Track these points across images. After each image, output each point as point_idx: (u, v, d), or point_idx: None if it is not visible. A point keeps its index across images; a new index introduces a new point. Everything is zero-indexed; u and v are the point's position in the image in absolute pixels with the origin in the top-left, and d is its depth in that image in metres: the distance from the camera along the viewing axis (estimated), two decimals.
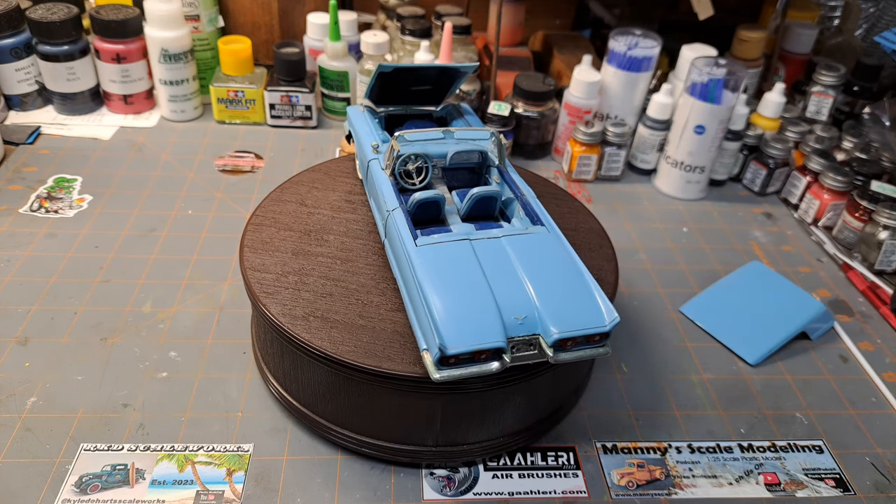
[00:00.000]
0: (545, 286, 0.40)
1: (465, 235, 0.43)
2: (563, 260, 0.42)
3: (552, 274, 0.41)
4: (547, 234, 0.44)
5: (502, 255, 0.42)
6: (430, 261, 0.41)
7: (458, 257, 0.41)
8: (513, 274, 0.41)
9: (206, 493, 0.44)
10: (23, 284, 0.59)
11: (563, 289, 0.40)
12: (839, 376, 0.58)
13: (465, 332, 0.37)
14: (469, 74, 0.54)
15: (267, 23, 0.93)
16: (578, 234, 0.54)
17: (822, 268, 0.70)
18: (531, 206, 0.46)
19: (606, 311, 0.40)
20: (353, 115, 0.57)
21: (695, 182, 0.78)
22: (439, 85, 0.56)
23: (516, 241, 0.43)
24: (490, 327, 0.38)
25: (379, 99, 0.57)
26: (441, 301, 0.39)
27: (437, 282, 0.40)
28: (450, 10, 0.92)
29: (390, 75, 0.53)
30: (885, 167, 0.77)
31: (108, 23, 0.77)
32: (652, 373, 0.56)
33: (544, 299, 0.40)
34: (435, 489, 0.46)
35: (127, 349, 0.54)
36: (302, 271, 0.47)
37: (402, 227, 0.43)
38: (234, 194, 0.72)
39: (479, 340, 0.37)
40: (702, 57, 0.75)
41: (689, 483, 0.48)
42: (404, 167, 0.48)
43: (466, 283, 0.40)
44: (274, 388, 0.49)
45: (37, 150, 0.76)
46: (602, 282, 0.49)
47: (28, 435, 0.47)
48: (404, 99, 0.57)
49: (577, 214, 0.56)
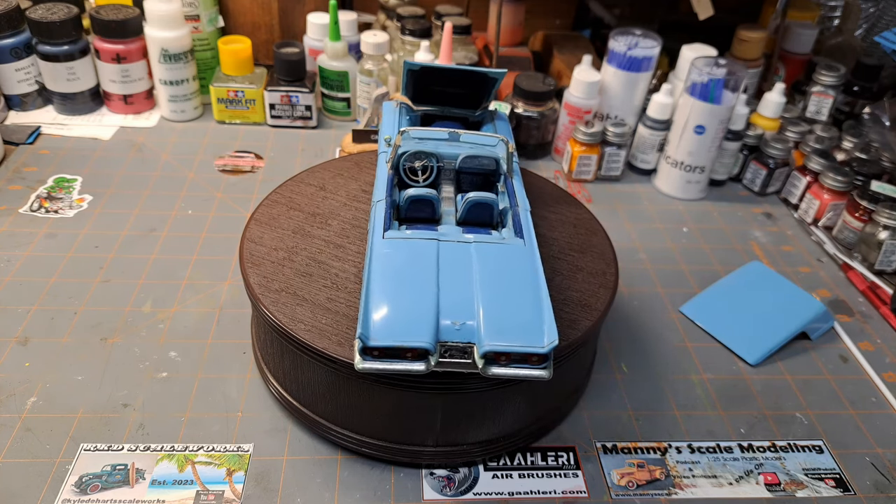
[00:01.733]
0: (494, 298, 0.39)
1: (437, 236, 0.42)
2: (525, 275, 0.41)
3: (507, 287, 0.40)
4: (521, 248, 0.42)
5: (464, 261, 0.41)
6: (388, 253, 0.41)
7: (417, 255, 0.41)
8: (467, 280, 0.40)
9: (206, 493, 0.44)
10: (23, 284, 0.59)
11: (511, 303, 0.39)
12: (839, 376, 0.58)
13: (392, 327, 0.37)
14: (499, 81, 0.52)
15: (267, 23, 0.93)
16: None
17: (822, 268, 0.70)
18: (518, 217, 0.45)
19: (548, 333, 0.37)
20: (386, 109, 0.57)
21: (695, 182, 0.78)
22: (475, 89, 0.55)
23: (486, 249, 0.42)
24: (419, 327, 0.37)
25: (416, 97, 0.56)
26: (379, 293, 0.38)
27: (384, 274, 0.40)
28: (450, 10, 0.92)
29: (421, 74, 0.53)
30: (885, 167, 0.77)
31: (108, 23, 0.77)
32: (652, 373, 0.56)
33: (488, 310, 0.38)
34: (435, 489, 0.46)
35: (127, 349, 0.54)
36: (293, 249, 0.49)
37: (379, 218, 0.44)
38: (234, 194, 0.72)
39: (404, 338, 0.37)
40: (702, 57, 0.75)
41: (689, 483, 0.48)
42: (411, 164, 0.49)
43: (414, 280, 0.39)
44: (274, 388, 0.49)
45: (37, 150, 0.76)
46: (602, 282, 0.49)
47: (28, 435, 0.47)
48: (443, 100, 0.56)
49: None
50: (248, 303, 0.57)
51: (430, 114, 0.57)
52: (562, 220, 0.55)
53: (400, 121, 0.55)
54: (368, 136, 0.77)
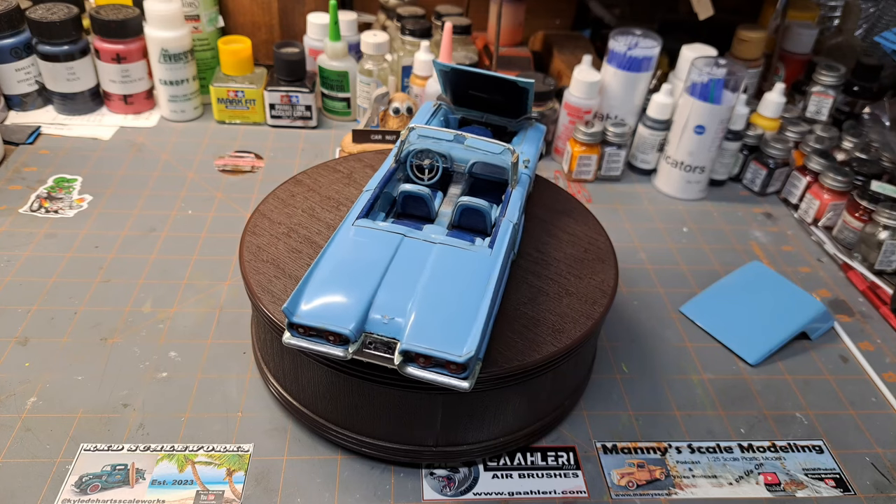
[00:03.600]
0: (431, 300, 0.38)
1: (406, 232, 0.43)
2: (474, 285, 0.40)
3: (450, 292, 0.39)
4: (484, 258, 0.41)
5: (420, 260, 0.41)
6: (348, 239, 0.42)
7: (375, 246, 0.42)
8: (413, 278, 0.40)
9: (206, 493, 0.44)
10: (23, 284, 0.59)
11: (446, 309, 0.38)
12: (839, 376, 0.58)
13: (317, 309, 0.38)
14: (531, 90, 0.52)
15: (267, 23, 0.93)
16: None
17: (822, 268, 0.70)
18: (499, 227, 0.44)
19: (469, 344, 0.36)
20: (423, 107, 0.58)
21: (695, 182, 0.78)
22: (512, 97, 0.54)
23: (447, 252, 0.42)
24: (344, 314, 0.38)
25: (457, 100, 0.57)
26: (321, 274, 0.40)
27: (334, 257, 0.41)
28: (450, 10, 0.92)
29: (452, 76, 0.53)
30: (885, 167, 0.77)
31: (108, 23, 0.77)
32: (652, 373, 0.56)
33: (420, 311, 0.38)
34: (435, 489, 0.46)
35: (127, 349, 0.54)
36: (296, 227, 0.51)
37: (358, 205, 0.45)
38: (233, 194, 0.72)
39: (325, 321, 0.37)
40: (702, 57, 0.75)
41: (689, 483, 0.48)
42: (419, 162, 0.49)
43: (359, 269, 0.40)
44: (274, 388, 0.49)
45: (37, 150, 0.76)
46: (601, 282, 0.49)
47: (28, 435, 0.47)
48: (483, 106, 0.56)
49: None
50: (248, 303, 0.57)
51: (469, 118, 0.57)
52: (573, 240, 0.53)
53: (431, 120, 0.55)
54: (368, 136, 0.77)
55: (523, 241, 0.52)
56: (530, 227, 0.53)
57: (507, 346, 0.43)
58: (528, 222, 0.54)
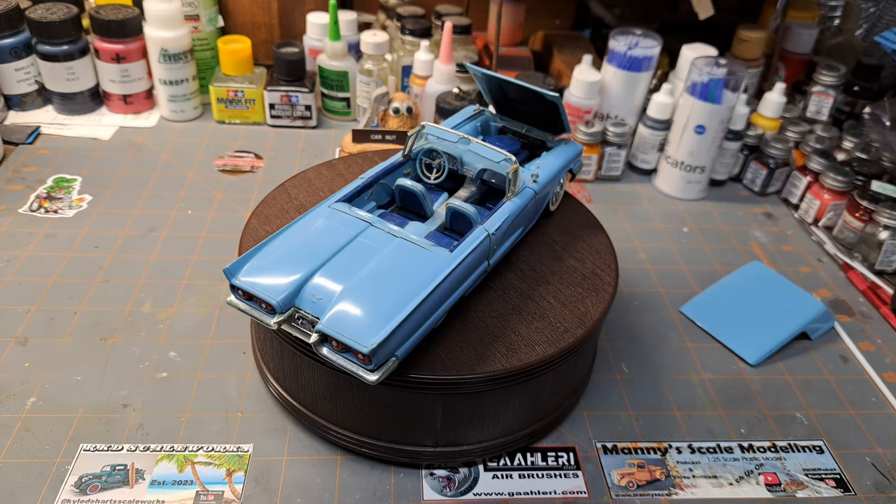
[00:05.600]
0: (365, 289, 0.39)
1: (372, 221, 0.44)
2: (415, 282, 0.40)
3: (385, 285, 0.39)
4: (437, 258, 0.41)
5: (374, 250, 0.42)
6: (315, 219, 0.44)
7: (338, 229, 0.43)
8: (359, 265, 0.41)
9: (206, 493, 0.44)
10: (23, 284, 0.59)
11: (373, 299, 0.39)
12: (839, 376, 0.58)
13: (256, 276, 0.40)
14: (560, 104, 0.51)
15: (267, 23, 0.93)
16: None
17: (823, 268, 0.70)
18: (469, 234, 0.44)
19: (378, 336, 0.36)
20: (465, 110, 0.58)
21: (695, 182, 0.78)
22: (547, 111, 0.54)
23: (403, 247, 0.42)
24: (278, 286, 0.39)
25: (498, 108, 0.57)
26: (272, 245, 0.42)
27: (295, 233, 0.43)
28: (450, 10, 0.92)
29: (487, 83, 0.54)
30: (885, 167, 0.77)
31: (108, 23, 0.77)
32: (652, 373, 0.56)
33: (349, 296, 0.39)
34: (435, 489, 0.46)
35: (127, 349, 0.54)
36: (298, 209, 0.53)
37: (343, 190, 0.47)
38: (233, 194, 0.72)
39: (258, 288, 0.39)
40: (702, 57, 0.75)
41: (689, 483, 0.48)
42: (428, 161, 0.50)
43: (311, 247, 0.42)
44: (274, 388, 0.49)
45: (36, 150, 0.76)
46: (601, 283, 0.49)
47: (28, 435, 0.47)
48: (526, 118, 0.56)
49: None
50: None
51: (509, 128, 0.57)
52: (575, 267, 0.50)
53: (465, 123, 0.56)
54: (368, 135, 0.77)
55: (520, 257, 0.50)
56: (534, 244, 0.52)
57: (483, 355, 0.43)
58: (533, 237, 0.53)
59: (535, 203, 0.50)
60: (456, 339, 0.43)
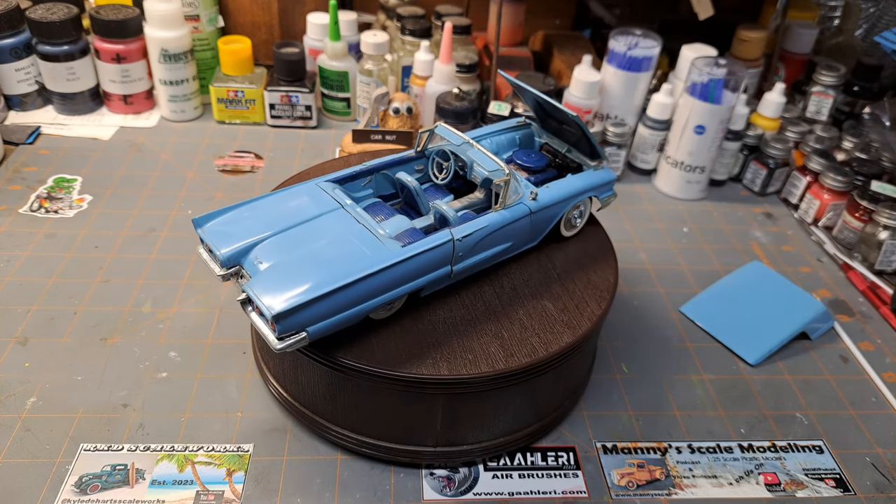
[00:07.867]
0: (301, 263, 0.41)
1: (343, 203, 0.46)
2: (349, 267, 0.40)
3: (321, 264, 0.41)
4: (385, 250, 0.42)
5: (332, 229, 0.43)
6: (295, 193, 0.46)
7: (309, 205, 0.45)
8: (309, 241, 0.42)
9: (206, 493, 0.44)
10: (23, 284, 0.59)
11: (303, 274, 0.40)
12: (839, 376, 0.58)
13: (214, 230, 0.43)
14: (583, 126, 0.50)
15: (267, 23, 0.93)
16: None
17: (822, 268, 0.70)
18: (431, 234, 0.44)
19: (284, 305, 0.38)
20: (510, 120, 0.58)
21: (695, 182, 0.78)
22: (575, 130, 0.53)
23: (360, 233, 0.43)
24: (227, 242, 0.42)
25: (545, 124, 0.57)
26: (244, 207, 0.45)
27: (269, 201, 0.46)
28: (450, 10, 0.92)
29: (521, 94, 0.54)
30: (885, 167, 0.77)
31: (108, 23, 0.77)
32: (652, 373, 0.56)
33: (282, 265, 0.41)
34: (435, 489, 0.46)
35: (127, 349, 0.54)
36: None
37: (339, 172, 0.49)
38: (233, 194, 0.72)
39: (212, 239, 0.43)
40: (702, 57, 0.75)
41: (689, 483, 0.48)
42: (439, 161, 0.52)
43: (275, 216, 0.44)
44: (274, 388, 0.49)
45: (37, 150, 0.76)
46: (601, 282, 0.49)
47: (28, 435, 0.47)
48: (567, 138, 0.55)
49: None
50: None
51: (551, 146, 0.56)
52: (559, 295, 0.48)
53: (505, 132, 0.56)
54: (368, 135, 0.77)
55: (507, 273, 0.49)
56: (529, 264, 0.50)
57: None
58: (533, 258, 0.51)
59: (532, 222, 0.48)
60: (395, 335, 0.43)
